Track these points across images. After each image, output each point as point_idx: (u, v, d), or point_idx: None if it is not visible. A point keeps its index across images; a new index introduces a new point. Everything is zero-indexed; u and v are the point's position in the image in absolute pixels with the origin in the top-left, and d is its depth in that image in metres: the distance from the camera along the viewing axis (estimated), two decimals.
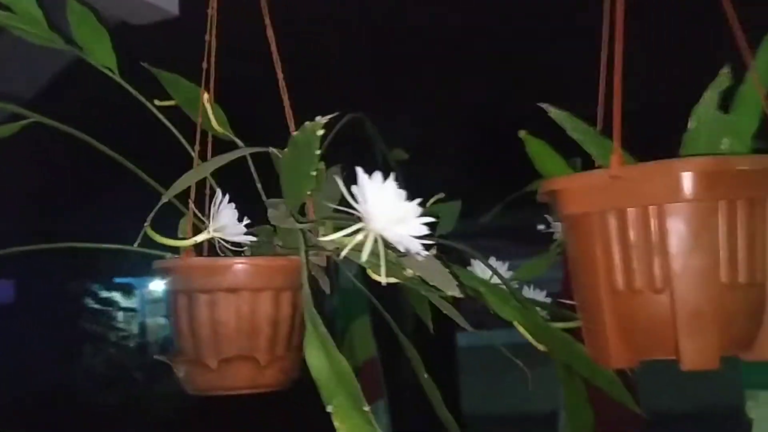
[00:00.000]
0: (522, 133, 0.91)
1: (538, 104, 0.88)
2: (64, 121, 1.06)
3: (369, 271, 1.01)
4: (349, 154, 1.57)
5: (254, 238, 0.95)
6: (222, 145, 1.17)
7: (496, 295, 1.21)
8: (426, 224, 1.24)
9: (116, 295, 11.09)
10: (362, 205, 0.72)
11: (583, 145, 0.89)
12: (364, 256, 0.74)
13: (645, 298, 0.85)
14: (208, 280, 1.01)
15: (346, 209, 0.74)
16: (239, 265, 1.02)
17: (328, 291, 1.02)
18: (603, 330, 0.88)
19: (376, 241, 0.74)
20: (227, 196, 0.89)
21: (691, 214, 0.82)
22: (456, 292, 0.77)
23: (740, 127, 0.94)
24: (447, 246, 1.28)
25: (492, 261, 1.34)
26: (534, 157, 0.92)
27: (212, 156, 1.15)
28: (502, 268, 1.33)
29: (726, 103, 0.95)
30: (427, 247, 0.80)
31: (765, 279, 0.85)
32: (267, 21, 1.15)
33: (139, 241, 0.87)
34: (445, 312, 1.04)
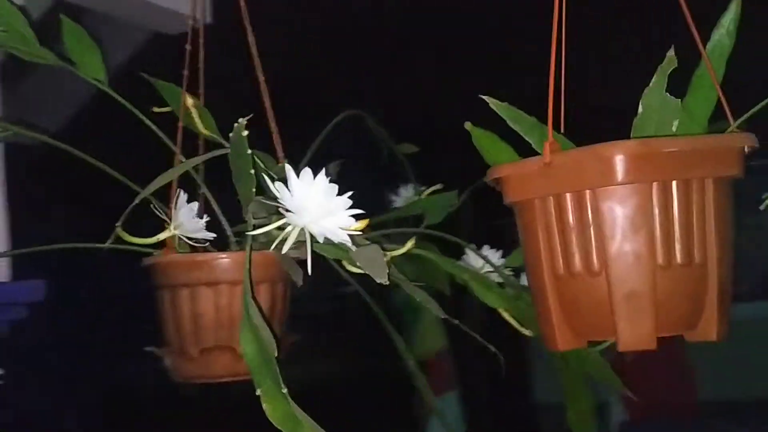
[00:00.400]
0: (467, 125, 0.93)
1: (479, 96, 0.90)
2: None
3: (345, 264, 1.06)
4: (356, 150, 1.62)
5: (214, 235, 1.01)
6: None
7: (479, 282, 1.24)
8: (419, 215, 1.28)
9: None
10: (288, 200, 0.77)
11: (522, 134, 0.91)
12: (286, 247, 0.79)
13: (584, 282, 0.87)
14: (189, 275, 1.08)
15: (280, 204, 0.78)
16: (217, 260, 1.08)
17: (299, 283, 1.07)
18: (549, 313, 0.90)
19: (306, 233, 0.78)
20: (185, 195, 0.95)
21: (622, 198, 0.83)
22: (383, 281, 0.81)
23: (695, 110, 0.94)
24: (436, 236, 1.32)
25: (485, 249, 1.36)
26: (480, 147, 0.94)
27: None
28: (495, 256, 1.36)
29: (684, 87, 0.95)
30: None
31: (706, 259, 0.85)
32: (248, 26, 1.21)
33: (111, 240, 0.94)
34: (418, 299, 1.08)
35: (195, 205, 0.97)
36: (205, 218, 0.98)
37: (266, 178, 0.79)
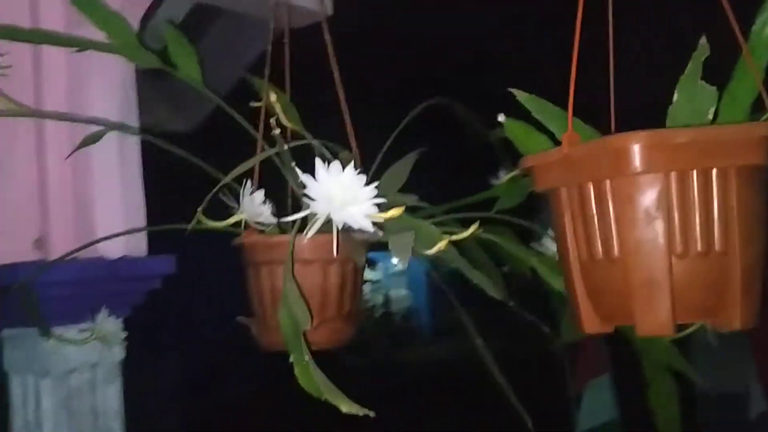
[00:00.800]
0: (501, 117, 0.98)
1: (508, 89, 0.95)
2: None
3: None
4: (442, 138, 1.69)
5: (275, 220, 1.12)
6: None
7: (546, 266, 1.27)
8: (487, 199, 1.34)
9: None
10: (314, 190, 0.86)
11: (546, 124, 0.95)
12: (311, 233, 0.88)
13: (605, 268, 0.89)
14: (267, 254, 1.21)
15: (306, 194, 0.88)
16: (281, 240, 1.20)
17: (361, 264, 1.16)
18: (575, 298, 0.94)
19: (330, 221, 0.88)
20: (251, 185, 1.07)
21: (639, 187, 0.85)
22: (403, 264, 0.88)
23: (739, 95, 0.93)
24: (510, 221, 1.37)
25: None
26: (513, 137, 0.98)
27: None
28: None
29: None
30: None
31: (728, 248, 0.85)
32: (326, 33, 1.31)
33: (193, 224, 1.09)
34: (474, 280, 1.14)
35: (260, 193, 1.09)
36: (268, 205, 1.10)
37: (297, 170, 0.88)
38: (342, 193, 0.86)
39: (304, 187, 0.85)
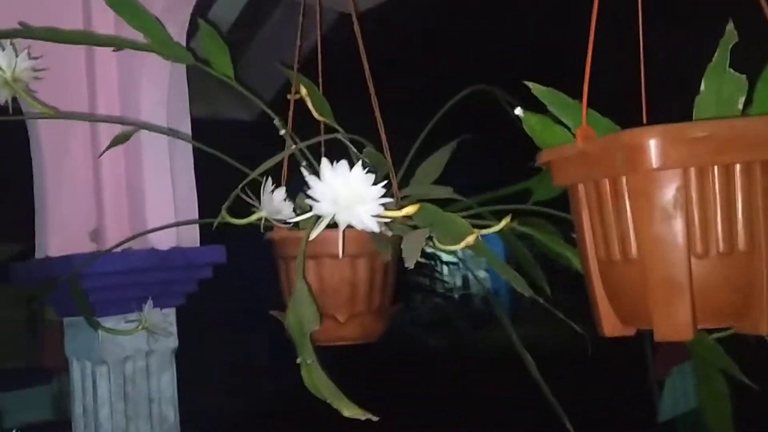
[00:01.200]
0: (519, 111, 0.94)
1: (523, 82, 0.92)
2: None
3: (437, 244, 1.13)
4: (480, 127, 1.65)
5: (293, 216, 1.12)
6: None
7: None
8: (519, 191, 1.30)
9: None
10: (317, 191, 0.85)
11: (561, 117, 0.90)
12: (314, 234, 0.88)
13: (623, 268, 0.85)
14: (296, 250, 1.21)
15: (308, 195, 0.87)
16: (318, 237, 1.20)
17: (387, 259, 1.15)
18: (595, 298, 0.90)
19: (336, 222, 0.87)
20: (271, 182, 1.07)
21: (656, 184, 0.81)
22: (409, 265, 0.87)
23: None
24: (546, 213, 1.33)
25: None
26: (531, 131, 0.94)
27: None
28: None
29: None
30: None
31: (753, 248, 0.80)
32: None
33: (218, 220, 1.10)
34: (504, 277, 1.12)
35: (281, 191, 1.09)
36: (289, 203, 1.10)
37: (302, 170, 0.88)
38: (348, 193, 0.85)
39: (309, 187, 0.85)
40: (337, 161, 0.86)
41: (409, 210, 0.94)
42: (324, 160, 0.87)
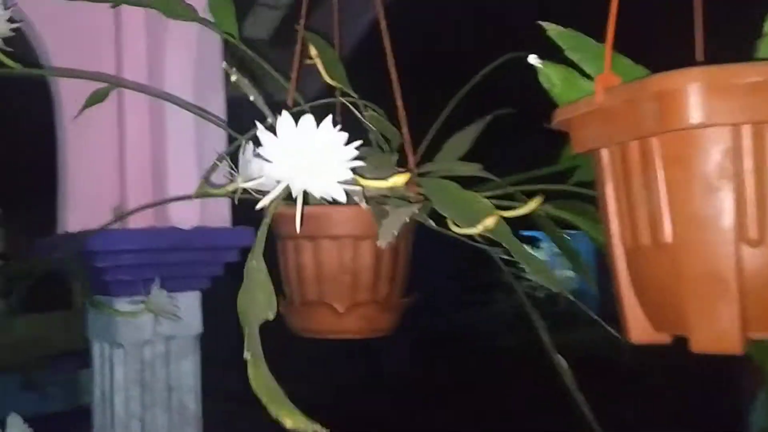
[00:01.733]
0: (532, 59, 0.76)
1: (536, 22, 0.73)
2: None
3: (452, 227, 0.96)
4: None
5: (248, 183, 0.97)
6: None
7: None
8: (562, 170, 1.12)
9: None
10: (268, 149, 0.70)
11: (583, 66, 0.72)
12: (263, 203, 0.72)
13: (652, 256, 0.66)
14: (291, 228, 1.06)
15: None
16: (319, 214, 1.05)
17: (381, 245, 0.99)
18: (620, 296, 0.71)
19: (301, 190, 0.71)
20: (251, 147, 0.92)
21: (697, 147, 0.61)
22: (382, 244, 0.71)
23: None
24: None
25: None
26: (550, 88, 0.76)
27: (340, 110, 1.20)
28: None
29: None
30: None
31: None
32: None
33: (197, 192, 0.97)
34: (528, 269, 0.95)
35: (250, 148, 0.94)
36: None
37: (258, 124, 0.73)
38: (309, 154, 0.70)
39: (259, 144, 0.70)
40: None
41: (397, 180, 0.77)
42: (284, 113, 0.71)
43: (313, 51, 1.15)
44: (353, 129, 1.14)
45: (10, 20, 1.03)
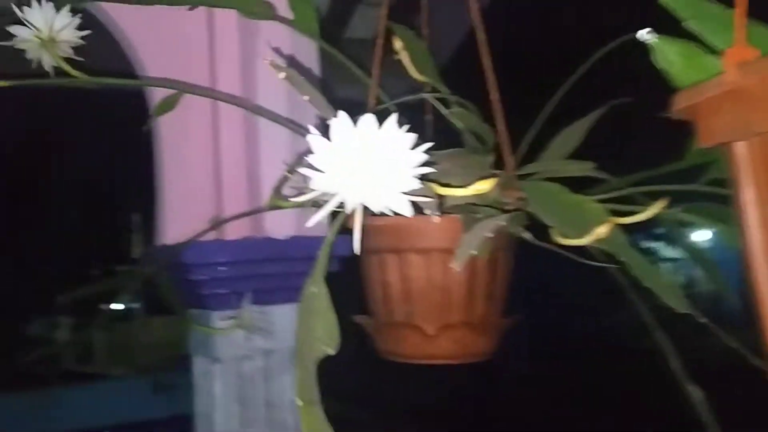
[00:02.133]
0: (645, 34, 0.61)
1: None
2: None
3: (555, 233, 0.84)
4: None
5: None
6: None
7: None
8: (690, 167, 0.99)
9: (658, 246, 11.06)
10: (319, 158, 0.59)
11: (705, 37, 0.56)
12: (315, 219, 0.61)
13: None
14: (375, 241, 0.96)
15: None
16: (406, 225, 0.93)
17: (458, 268, 0.86)
18: (761, 313, 0.56)
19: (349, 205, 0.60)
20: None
21: None
22: (456, 265, 0.58)
23: None
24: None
25: None
26: (668, 68, 0.61)
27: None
28: None
29: None
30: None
31: None
32: None
33: (268, 203, 0.89)
34: (645, 283, 0.81)
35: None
36: None
37: (312, 128, 0.62)
38: (369, 161, 0.59)
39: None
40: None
41: (480, 187, 0.65)
42: (340, 113, 0.61)
43: (397, 44, 1.04)
44: (446, 131, 1.03)
45: (79, 28, 0.98)
